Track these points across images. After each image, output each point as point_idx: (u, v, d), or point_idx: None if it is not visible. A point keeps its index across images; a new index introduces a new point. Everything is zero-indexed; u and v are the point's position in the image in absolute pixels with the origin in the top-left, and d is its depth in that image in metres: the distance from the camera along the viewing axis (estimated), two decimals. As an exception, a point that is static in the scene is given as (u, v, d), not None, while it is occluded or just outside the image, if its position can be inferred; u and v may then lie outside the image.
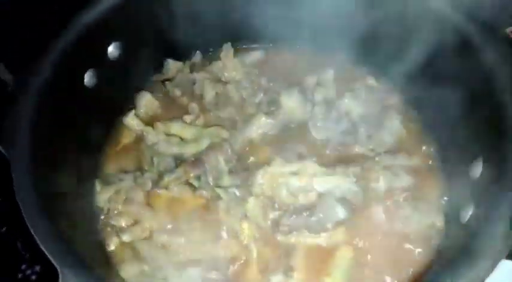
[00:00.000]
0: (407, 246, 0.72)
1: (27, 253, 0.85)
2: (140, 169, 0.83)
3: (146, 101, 0.89)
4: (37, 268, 0.84)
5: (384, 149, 0.82)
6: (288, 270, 0.71)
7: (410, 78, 0.86)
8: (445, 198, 0.77)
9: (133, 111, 0.85)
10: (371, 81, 0.90)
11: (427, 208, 0.76)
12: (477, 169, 0.66)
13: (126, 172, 0.82)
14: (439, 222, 0.74)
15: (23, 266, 0.85)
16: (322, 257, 0.73)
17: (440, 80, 0.79)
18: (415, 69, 0.83)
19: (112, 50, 0.81)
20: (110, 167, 0.84)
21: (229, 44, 0.92)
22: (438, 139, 0.82)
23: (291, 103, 0.83)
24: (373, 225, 0.74)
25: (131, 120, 0.84)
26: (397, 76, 0.87)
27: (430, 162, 0.81)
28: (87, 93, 0.78)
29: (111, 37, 0.81)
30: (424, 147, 0.83)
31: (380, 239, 0.73)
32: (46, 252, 0.52)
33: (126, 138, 0.87)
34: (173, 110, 0.90)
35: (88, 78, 0.78)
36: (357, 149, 0.82)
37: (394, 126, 0.84)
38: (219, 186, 0.77)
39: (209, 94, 0.87)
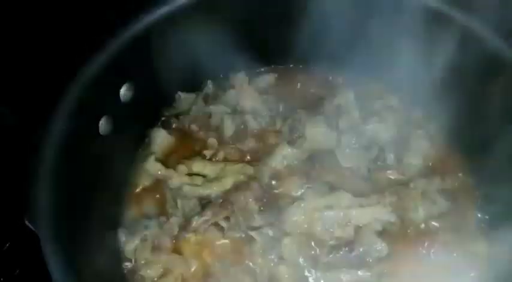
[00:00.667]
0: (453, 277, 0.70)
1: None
2: (164, 213, 0.79)
3: (161, 139, 0.85)
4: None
5: (414, 171, 0.79)
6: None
7: (430, 92, 0.83)
8: (486, 216, 0.75)
9: (153, 156, 0.80)
10: (393, 100, 0.86)
11: (467, 233, 0.73)
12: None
13: (149, 218, 0.78)
14: (483, 248, 0.71)
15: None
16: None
17: (457, 90, 0.77)
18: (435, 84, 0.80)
19: (124, 91, 0.77)
20: (132, 212, 0.80)
21: (243, 72, 0.88)
22: (470, 154, 0.79)
23: (316, 133, 0.79)
24: (416, 256, 0.72)
25: (152, 166, 0.80)
26: (417, 91, 0.84)
27: (464, 182, 0.78)
28: (102, 141, 0.74)
29: (122, 79, 0.77)
30: (454, 165, 0.80)
31: (425, 269, 0.71)
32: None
33: (146, 181, 0.82)
34: (190, 145, 0.86)
35: (103, 125, 0.73)
36: (388, 175, 0.79)
37: (422, 146, 0.81)
38: (251, 227, 0.74)
39: (229, 129, 0.83)
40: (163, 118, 0.88)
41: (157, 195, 0.81)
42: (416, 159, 0.79)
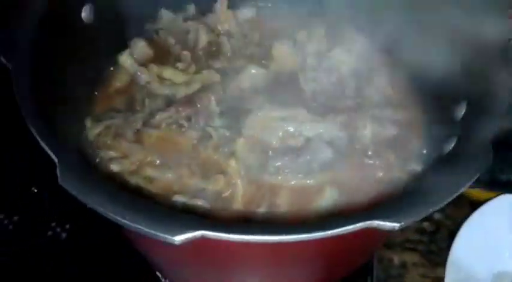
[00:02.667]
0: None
1: (56, 211, 0.91)
2: (132, 110, 0.84)
3: (140, 48, 0.90)
4: (67, 226, 0.90)
5: (371, 103, 0.85)
6: (272, 206, 0.73)
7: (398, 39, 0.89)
8: (425, 151, 0.80)
9: (128, 50, 0.85)
10: (361, 39, 0.92)
11: (408, 156, 0.79)
12: (460, 110, 0.69)
13: (117, 111, 0.83)
14: (419, 168, 0.77)
15: (53, 224, 0.90)
16: (307, 196, 0.75)
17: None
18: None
19: (110, -12, 0.82)
20: (102, 107, 0.85)
21: (225, -2, 0.95)
22: (424, 95, 0.85)
23: (282, 53, 0.85)
24: (357, 170, 0.77)
25: (126, 59, 0.85)
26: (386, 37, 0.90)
27: (415, 117, 0.84)
28: (83, 28, 0.79)
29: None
30: (410, 106, 0.86)
31: (362, 182, 0.76)
32: (45, 146, 0.53)
33: (119, 81, 0.87)
34: (165, 59, 0.91)
35: (86, 12, 0.79)
36: (345, 102, 0.84)
37: (382, 83, 0.87)
38: (210, 126, 0.79)
39: (202, 41, 0.89)
40: (143, 30, 0.93)
41: (128, 95, 0.86)
42: (374, 94, 0.85)
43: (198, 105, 0.80)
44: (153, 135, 0.80)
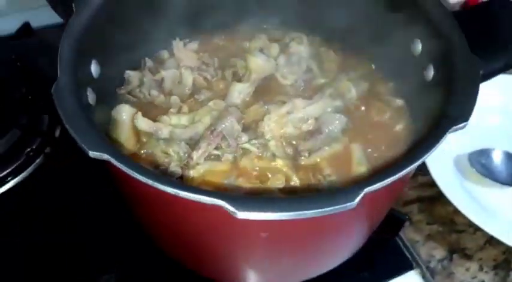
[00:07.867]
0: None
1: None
2: (158, 167, 0.87)
3: (127, 113, 0.93)
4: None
5: (333, 74, 1.04)
6: (327, 177, 0.87)
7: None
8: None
9: (139, 113, 0.89)
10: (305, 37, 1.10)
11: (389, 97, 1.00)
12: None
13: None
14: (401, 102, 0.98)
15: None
16: (343, 158, 0.90)
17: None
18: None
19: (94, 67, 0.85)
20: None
21: (177, 39, 1.03)
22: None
23: (259, 62, 0.98)
24: (362, 122, 0.95)
25: (142, 123, 0.88)
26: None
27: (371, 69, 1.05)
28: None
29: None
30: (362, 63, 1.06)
31: (371, 129, 0.95)
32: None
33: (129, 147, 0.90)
34: (154, 110, 0.96)
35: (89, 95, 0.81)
36: (317, 81, 1.02)
37: (332, 56, 1.06)
38: (242, 144, 0.88)
39: (188, 81, 0.97)
40: (116, 96, 0.97)
41: (146, 156, 0.89)
42: (332, 65, 1.04)
43: (224, 131, 0.88)
44: (195, 176, 0.86)
